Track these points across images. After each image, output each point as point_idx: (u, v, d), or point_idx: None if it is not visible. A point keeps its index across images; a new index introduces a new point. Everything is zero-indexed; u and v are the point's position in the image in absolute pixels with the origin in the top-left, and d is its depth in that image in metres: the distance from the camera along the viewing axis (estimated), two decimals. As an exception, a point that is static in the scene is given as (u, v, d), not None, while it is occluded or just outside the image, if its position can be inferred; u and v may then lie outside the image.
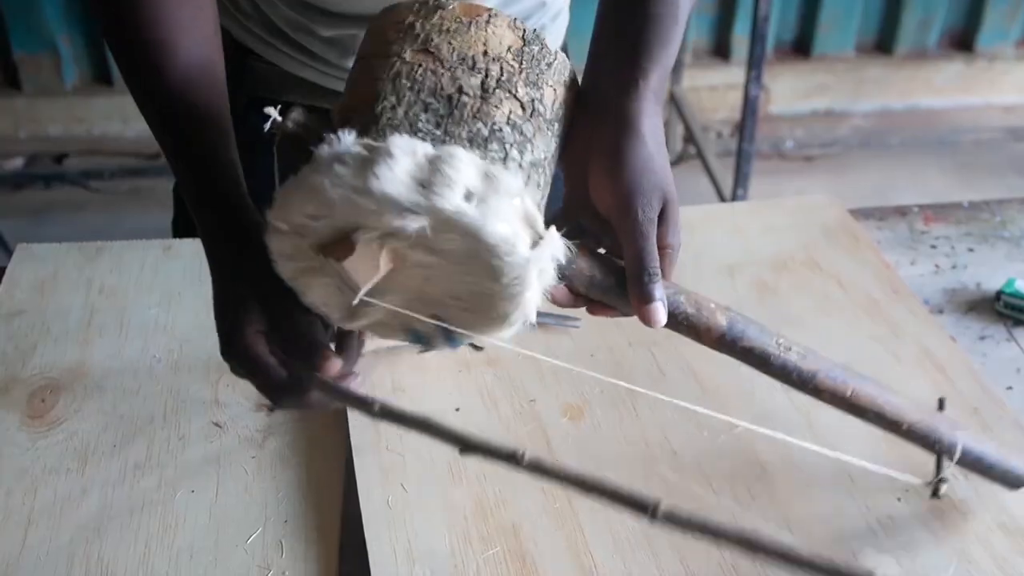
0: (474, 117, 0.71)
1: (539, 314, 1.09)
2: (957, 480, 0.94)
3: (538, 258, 0.68)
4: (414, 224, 0.65)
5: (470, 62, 0.74)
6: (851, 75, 3.75)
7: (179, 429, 0.99)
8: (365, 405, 0.71)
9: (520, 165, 0.72)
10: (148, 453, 0.96)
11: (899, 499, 0.93)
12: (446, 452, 0.95)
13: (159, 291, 1.16)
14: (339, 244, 0.68)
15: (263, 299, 0.77)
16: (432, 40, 0.75)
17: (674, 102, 3.46)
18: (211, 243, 0.82)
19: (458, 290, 0.70)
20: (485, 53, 0.75)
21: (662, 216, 0.78)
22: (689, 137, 3.46)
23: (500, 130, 0.72)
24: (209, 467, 0.95)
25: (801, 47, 3.74)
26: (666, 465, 0.96)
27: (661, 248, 0.77)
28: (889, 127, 3.79)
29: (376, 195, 0.64)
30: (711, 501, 0.92)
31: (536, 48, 0.79)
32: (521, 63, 0.77)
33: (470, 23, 0.76)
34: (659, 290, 0.76)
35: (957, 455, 0.87)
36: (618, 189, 0.77)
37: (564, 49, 1.31)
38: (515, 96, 0.75)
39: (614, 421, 1.00)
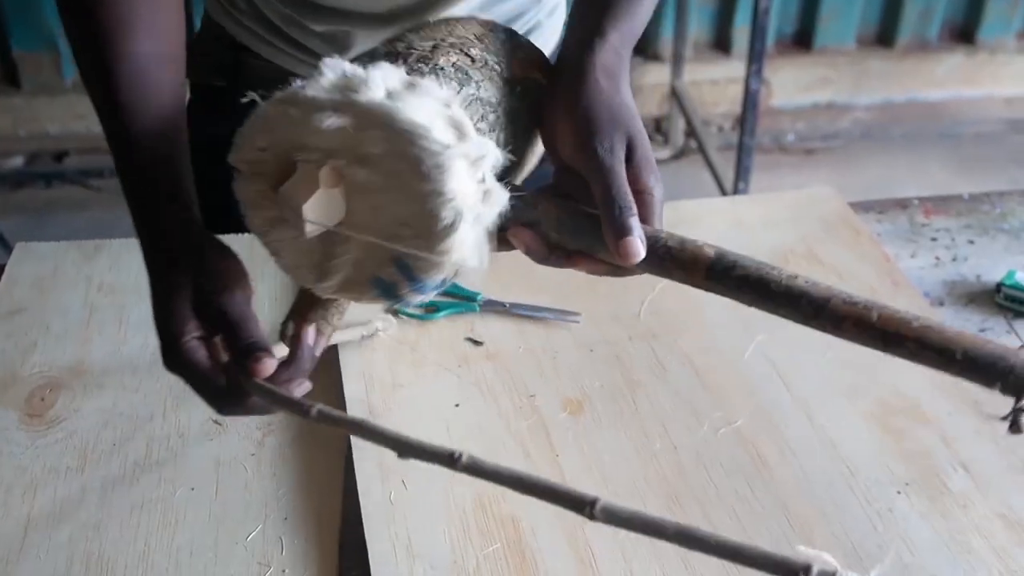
0: (418, 61, 0.75)
1: (539, 308, 1.11)
2: (956, 472, 0.94)
3: (464, 151, 0.67)
4: (334, 121, 0.67)
5: (428, 37, 0.79)
6: (852, 68, 3.74)
7: (179, 427, 0.99)
8: (301, 410, 0.71)
9: (458, 93, 0.74)
10: (148, 451, 0.96)
11: (899, 492, 0.92)
12: (445, 447, 0.96)
13: (158, 288, 1.16)
14: (288, 175, 0.71)
15: (198, 285, 0.76)
16: (404, 38, 0.80)
17: (675, 96, 3.46)
18: (146, 236, 0.81)
19: (402, 213, 0.69)
20: (448, 33, 0.80)
21: (631, 157, 0.76)
22: (690, 131, 3.46)
23: (442, 69, 0.75)
24: (209, 465, 0.95)
25: (802, 40, 3.74)
26: (666, 459, 0.95)
27: (636, 192, 0.75)
28: (890, 120, 3.78)
29: (301, 101, 0.68)
30: (711, 494, 0.92)
31: (504, 35, 0.83)
32: (482, 40, 0.81)
33: (442, 24, 0.82)
34: (635, 223, 0.73)
35: None
36: (574, 129, 0.77)
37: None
38: (466, 54, 0.78)
39: (614, 415, 1.00)
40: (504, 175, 0.71)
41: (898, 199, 1.37)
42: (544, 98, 0.83)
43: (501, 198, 0.70)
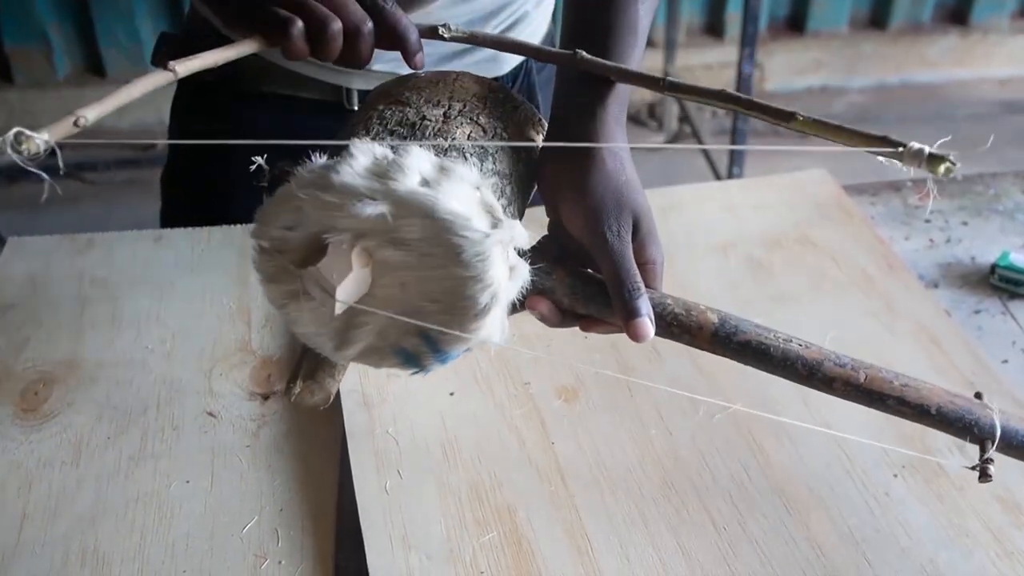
0: (435, 135, 0.76)
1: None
2: (952, 455, 0.94)
3: (500, 238, 0.68)
4: (374, 210, 0.67)
5: (435, 102, 0.81)
6: (845, 51, 3.74)
7: (173, 420, 0.99)
8: None
9: (480, 170, 0.75)
10: (142, 444, 0.96)
11: (895, 475, 0.92)
12: (441, 436, 0.96)
13: (151, 282, 1.15)
14: (313, 253, 0.70)
15: None
16: (404, 94, 0.82)
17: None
18: None
19: (432, 289, 0.70)
20: (451, 96, 0.82)
21: (636, 232, 0.78)
22: (684, 117, 3.45)
23: (460, 146, 0.76)
24: (204, 457, 0.95)
25: (795, 23, 3.74)
26: (661, 445, 0.95)
27: (642, 264, 0.78)
28: (884, 102, 3.78)
29: (337, 187, 0.67)
30: (707, 480, 0.92)
31: (501, 95, 0.86)
32: (485, 104, 0.83)
33: (439, 81, 0.84)
34: (644, 303, 0.76)
35: (998, 436, 0.79)
36: (584, 212, 0.78)
37: (550, 36, 1.30)
38: (476, 122, 0.80)
39: (609, 402, 1.00)
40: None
41: (891, 182, 1.37)
42: (545, 162, 0.83)
43: (524, 273, 0.72)
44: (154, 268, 1.18)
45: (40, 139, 0.62)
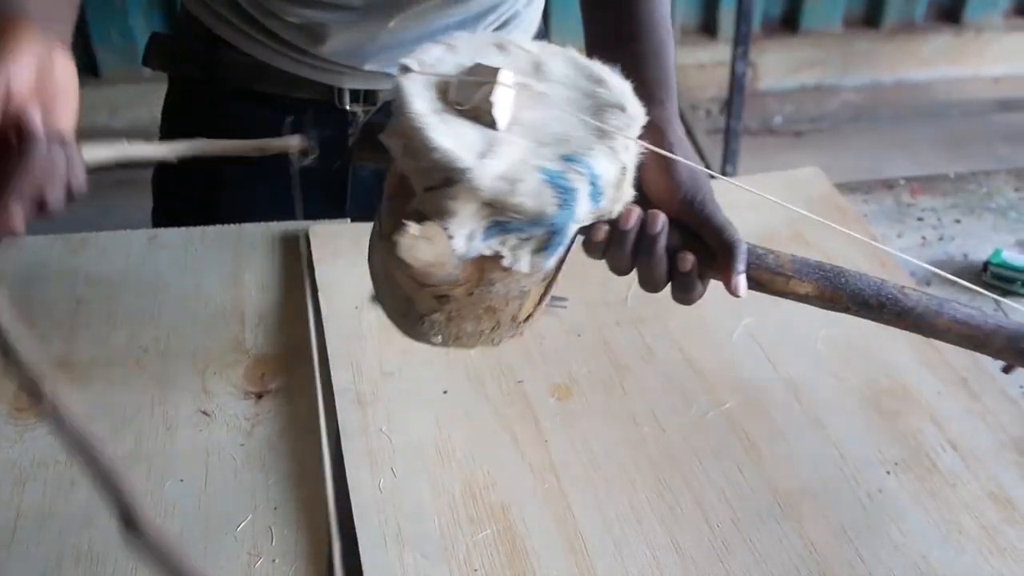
0: None
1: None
2: (945, 452, 0.94)
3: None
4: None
5: None
6: (839, 49, 3.74)
7: (167, 419, 0.99)
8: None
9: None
10: (136, 443, 0.96)
11: (888, 472, 0.93)
12: (434, 434, 0.96)
13: (144, 281, 1.15)
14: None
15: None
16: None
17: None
18: None
19: (574, 123, 0.70)
20: None
21: None
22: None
23: None
24: (198, 456, 0.95)
25: (788, 22, 3.74)
26: (654, 442, 0.96)
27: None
28: (878, 101, 3.78)
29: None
30: (700, 478, 0.92)
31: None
32: None
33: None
34: (744, 261, 0.80)
35: None
36: (681, 184, 0.80)
37: (540, 33, 1.30)
38: None
39: (602, 399, 1.00)
40: None
41: (884, 179, 1.37)
42: None
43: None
44: (148, 267, 1.18)
45: None
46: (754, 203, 1.29)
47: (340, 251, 1.15)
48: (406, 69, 0.70)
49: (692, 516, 0.89)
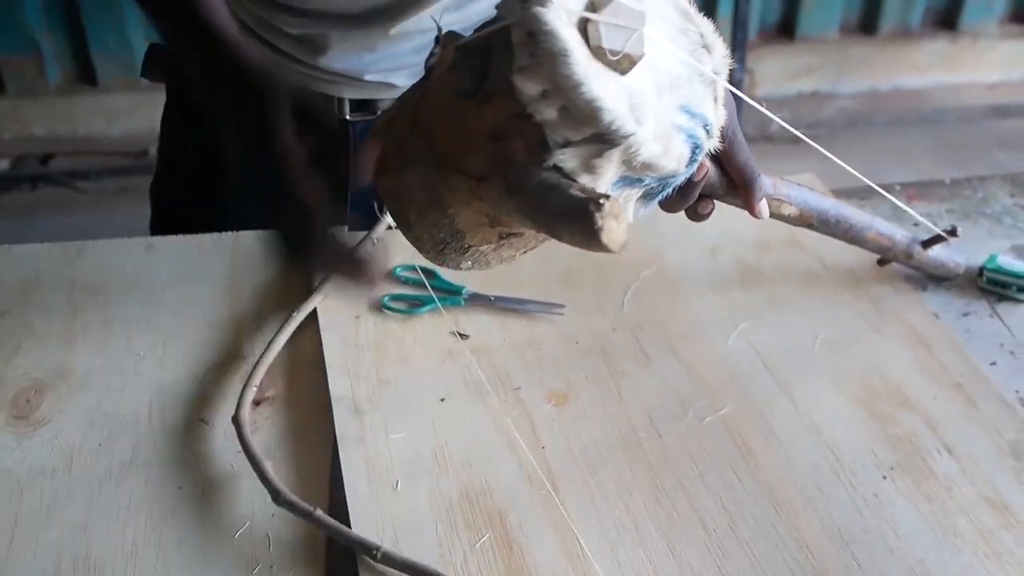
0: None
1: (524, 301, 1.11)
2: (941, 456, 0.95)
3: None
4: None
5: None
6: (836, 56, 3.75)
7: (164, 426, 0.99)
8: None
9: None
10: (134, 451, 0.96)
11: (884, 476, 0.93)
12: (431, 442, 0.96)
13: (142, 289, 1.16)
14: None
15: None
16: None
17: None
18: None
19: (679, 66, 0.69)
20: None
21: None
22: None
23: None
24: (196, 464, 0.95)
25: (785, 29, 3.74)
26: (651, 448, 0.96)
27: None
28: (875, 107, 3.79)
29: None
30: (697, 483, 0.92)
31: None
32: None
33: None
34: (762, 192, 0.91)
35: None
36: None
37: None
38: None
39: (599, 405, 1.00)
40: None
41: (880, 185, 1.37)
42: None
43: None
44: (145, 275, 1.18)
45: None
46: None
47: (337, 258, 1.15)
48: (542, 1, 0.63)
49: (689, 521, 0.89)
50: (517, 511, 0.89)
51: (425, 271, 1.10)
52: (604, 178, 0.65)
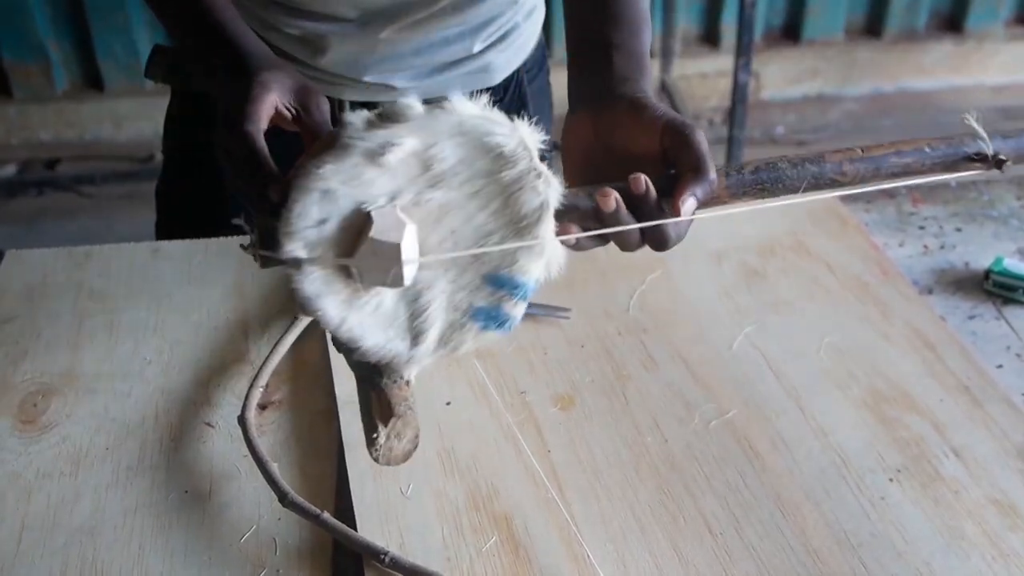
0: None
1: (529, 305, 1.11)
2: (947, 458, 0.95)
3: (523, 131, 0.68)
4: (400, 147, 0.65)
5: None
6: (841, 59, 3.75)
7: (171, 431, 0.99)
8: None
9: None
10: (140, 455, 0.96)
11: (891, 479, 0.93)
12: (438, 445, 0.96)
13: (148, 293, 1.16)
14: (351, 239, 0.67)
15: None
16: None
17: (665, 90, 3.46)
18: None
19: (483, 221, 0.68)
20: None
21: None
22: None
23: None
24: (202, 467, 0.95)
25: (790, 32, 3.74)
26: (657, 451, 0.96)
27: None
28: (880, 110, 3.78)
29: (355, 145, 0.65)
30: (703, 486, 0.92)
31: None
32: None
33: None
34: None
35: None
36: (663, 120, 0.78)
37: (541, 44, 1.31)
38: None
39: (604, 409, 1.00)
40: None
41: (885, 189, 1.37)
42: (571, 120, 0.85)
43: (556, 181, 0.70)
44: (151, 280, 1.18)
45: None
46: (755, 212, 1.30)
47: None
48: (297, 263, 0.67)
49: (695, 524, 0.89)
50: (523, 515, 0.89)
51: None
52: (422, 363, 0.73)
